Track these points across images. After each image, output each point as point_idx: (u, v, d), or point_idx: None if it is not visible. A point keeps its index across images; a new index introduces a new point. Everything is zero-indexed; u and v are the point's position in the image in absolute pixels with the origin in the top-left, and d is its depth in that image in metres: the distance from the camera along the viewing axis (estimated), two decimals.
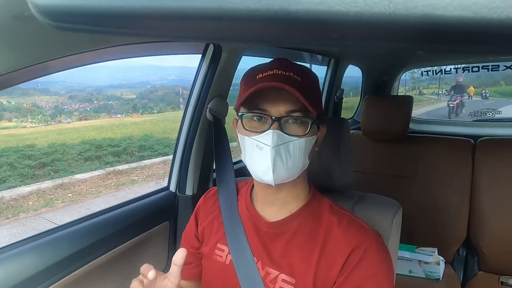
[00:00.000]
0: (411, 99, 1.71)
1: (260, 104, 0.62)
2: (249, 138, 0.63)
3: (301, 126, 0.63)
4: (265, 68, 0.64)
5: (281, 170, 0.62)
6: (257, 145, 0.61)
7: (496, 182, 1.48)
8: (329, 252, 0.65)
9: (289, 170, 0.63)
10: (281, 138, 0.60)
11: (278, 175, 0.62)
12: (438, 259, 1.45)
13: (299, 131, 0.62)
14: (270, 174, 0.61)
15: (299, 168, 0.65)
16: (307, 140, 0.63)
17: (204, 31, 0.31)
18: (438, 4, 0.21)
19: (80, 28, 0.34)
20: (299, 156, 0.63)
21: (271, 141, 0.60)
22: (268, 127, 0.61)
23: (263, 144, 0.61)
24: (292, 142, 0.61)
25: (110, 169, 5.47)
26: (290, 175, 0.64)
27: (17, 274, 0.75)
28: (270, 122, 0.61)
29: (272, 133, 0.60)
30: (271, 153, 0.60)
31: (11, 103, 7.91)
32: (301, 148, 0.62)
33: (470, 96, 10.15)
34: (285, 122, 0.62)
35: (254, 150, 0.62)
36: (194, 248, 0.82)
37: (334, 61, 2.02)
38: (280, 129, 0.61)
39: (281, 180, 0.63)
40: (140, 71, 11.51)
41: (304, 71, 0.66)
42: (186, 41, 1.02)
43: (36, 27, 0.55)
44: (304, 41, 0.42)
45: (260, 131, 0.61)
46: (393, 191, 1.08)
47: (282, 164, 0.61)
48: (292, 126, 0.62)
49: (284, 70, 0.62)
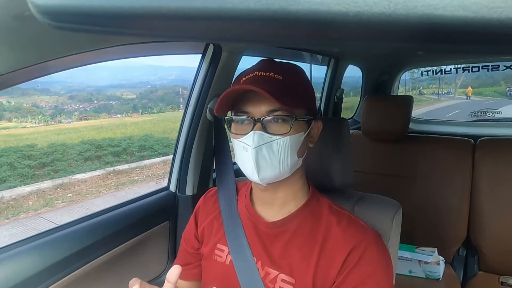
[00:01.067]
0: (411, 99, 1.71)
1: (243, 107, 0.64)
2: (236, 140, 0.65)
3: (283, 124, 0.63)
4: (249, 71, 0.66)
5: (267, 170, 0.63)
6: (243, 147, 0.63)
7: (496, 182, 1.48)
8: (329, 251, 0.65)
9: (275, 169, 0.63)
10: (263, 138, 0.62)
11: (264, 175, 0.63)
12: (438, 259, 1.45)
13: (281, 130, 0.63)
14: (255, 174, 0.63)
15: (288, 166, 0.65)
16: (292, 138, 0.63)
17: (204, 31, 0.31)
18: (438, 4, 0.21)
19: (80, 28, 0.34)
20: (285, 154, 0.63)
21: (252, 141, 0.61)
22: (251, 128, 0.62)
23: (247, 145, 0.62)
24: (275, 141, 0.62)
25: (110, 169, 5.47)
26: (278, 174, 0.64)
27: (17, 274, 0.75)
28: (253, 123, 0.62)
29: (253, 134, 0.61)
30: (252, 154, 0.61)
31: (11, 103, 7.91)
32: (286, 146, 0.63)
33: (468, 96, 10.16)
34: (267, 122, 0.63)
35: (241, 151, 0.64)
36: (194, 248, 0.82)
37: (334, 61, 2.02)
38: (262, 129, 0.62)
39: (269, 179, 0.64)
40: (140, 71, 11.53)
41: (288, 68, 0.67)
42: (186, 41, 1.02)
43: (36, 27, 0.54)
44: (304, 41, 0.42)
45: (245, 133, 0.63)
46: (393, 191, 1.08)
47: (266, 164, 0.62)
48: (274, 125, 0.63)
49: (265, 71, 0.64)
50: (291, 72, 0.67)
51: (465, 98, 10.14)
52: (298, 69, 0.70)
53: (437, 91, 11.55)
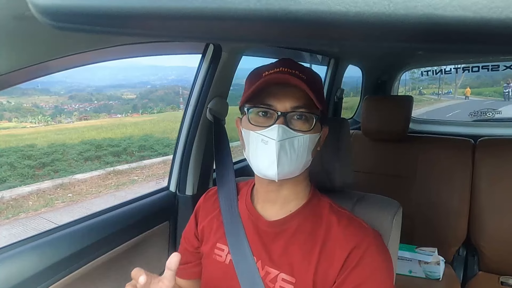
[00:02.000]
0: (411, 99, 1.71)
1: (266, 99, 0.63)
2: (254, 132, 0.64)
3: (306, 122, 0.64)
4: (270, 67, 0.66)
5: (285, 165, 0.62)
6: (262, 140, 0.62)
7: (496, 182, 1.48)
8: (329, 251, 0.65)
9: (293, 166, 0.63)
10: (287, 132, 0.61)
11: (282, 170, 0.62)
12: (438, 259, 1.45)
13: (304, 127, 0.63)
14: (274, 168, 0.62)
15: (302, 165, 0.65)
16: (311, 137, 0.64)
17: (204, 31, 0.31)
18: (438, 4, 0.21)
19: (80, 28, 0.34)
20: (303, 152, 0.63)
21: (276, 135, 0.60)
22: (273, 121, 0.62)
23: (268, 138, 0.61)
24: (297, 138, 0.62)
25: (110, 169, 5.47)
26: (293, 170, 0.65)
27: (17, 274, 0.75)
28: (275, 117, 0.62)
29: (278, 127, 0.61)
30: (276, 147, 0.60)
31: (11, 103, 7.91)
32: (305, 144, 0.63)
33: (467, 96, 10.16)
34: (290, 117, 0.63)
35: (258, 144, 0.63)
36: (194, 247, 0.82)
37: (334, 61, 2.02)
38: (285, 124, 0.62)
39: (284, 175, 0.64)
40: (140, 71, 11.52)
41: (309, 71, 0.67)
42: (186, 41, 1.02)
43: (36, 27, 0.54)
44: (304, 41, 0.42)
45: (266, 125, 0.62)
46: (393, 191, 1.08)
47: (286, 159, 0.62)
48: (297, 121, 0.63)
49: (289, 68, 0.64)
50: (312, 74, 0.68)
51: (464, 99, 10.14)
52: (316, 73, 0.70)
53: (437, 91, 11.55)
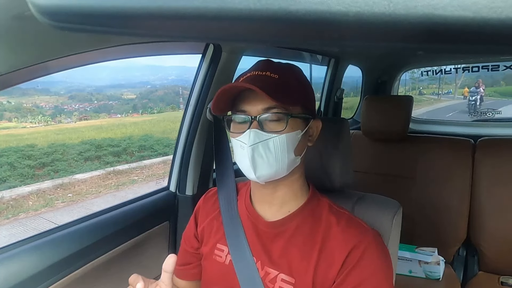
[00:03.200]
0: (411, 99, 1.71)
1: (241, 105, 0.65)
2: (234, 139, 0.66)
3: (279, 122, 0.63)
4: (246, 71, 0.67)
5: (263, 168, 0.63)
6: (240, 145, 0.64)
7: (496, 182, 1.48)
8: (328, 251, 0.65)
9: (273, 167, 0.63)
10: (259, 136, 0.62)
11: (261, 173, 0.63)
12: (438, 259, 1.45)
13: (277, 127, 0.63)
14: (252, 172, 0.63)
15: (286, 165, 0.65)
16: (288, 136, 0.63)
17: (204, 31, 0.31)
18: (438, 4, 0.21)
19: (80, 28, 0.34)
20: (282, 152, 0.63)
21: (248, 139, 0.62)
22: (248, 126, 0.63)
23: (243, 143, 0.63)
24: (271, 139, 0.62)
25: (110, 169, 5.47)
26: (275, 172, 0.64)
27: (17, 274, 0.75)
28: (249, 121, 0.63)
29: (249, 132, 0.62)
30: (248, 152, 0.62)
31: (11, 103, 7.91)
32: (283, 144, 0.63)
33: (465, 96, 10.18)
34: (264, 120, 0.63)
35: (238, 150, 0.65)
36: (194, 248, 0.82)
37: (334, 61, 2.02)
38: (259, 127, 0.63)
39: (266, 177, 0.64)
40: (140, 71, 11.52)
41: (284, 68, 0.67)
42: (186, 41, 1.02)
43: (36, 27, 0.54)
44: (304, 41, 0.42)
45: (242, 131, 0.64)
46: (393, 191, 1.08)
47: (263, 161, 0.63)
48: (271, 123, 0.64)
49: (261, 70, 0.65)
50: (288, 71, 0.67)
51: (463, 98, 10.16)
52: (295, 68, 0.70)
53: (437, 91, 11.55)
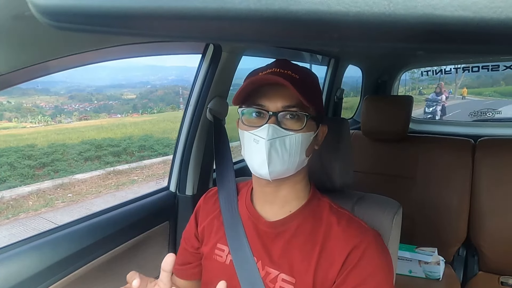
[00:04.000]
0: (411, 99, 1.71)
1: (258, 100, 0.64)
2: (247, 132, 0.65)
3: (298, 121, 0.64)
4: (265, 68, 0.67)
5: (277, 164, 0.63)
6: (254, 139, 0.63)
7: (496, 182, 1.48)
8: (329, 251, 0.65)
9: (285, 164, 0.64)
10: (277, 131, 0.62)
11: (274, 169, 0.63)
12: (438, 259, 1.45)
13: (295, 126, 0.64)
14: (265, 167, 0.63)
15: (296, 164, 0.65)
16: (303, 136, 0.64)
17: (204, 31, 0.31)
18: (438, 4, 0.21)
19: (80, 28, 0.34)
20: (296, 151, 0.64)
21: (266, 134, 0.62)
22: (265, 121, 0.63)
23: (259, 137, 0.63)
24: (288, 137, 0.63)
25: (110, 169, 5.47)
26: (286, 169, 0.65)
27: (17, 274, 0.75)
28: (267, 117, 0.63)
29: (268, 127, 0.62)
30: (265, 146, 0.61)
31: (11, 103, 7.91)
32: (298, 143, 0.63)
33: (463, 96, 10.19)
34: (282, 117, 0.64)
35: (251, 144, 0.64)
36: (194, 248, 0.82)
37: (334, 61, 2.02)
38: (277, 123, 0.63)
39: (276, 174, 0.64)
40: (140, 71, 11.51)
41: (303, 70, 0.68)
42: (186, 41, 1.02)
43: (36, 27, 0.54)
44: (304, 41, 0.42)
45: (258, 125, 0.63)
46: (393, 191, 1.08)
47: (278, 158, 0.63)
48: (289, 121, 0.64)
49: (282, 68, 0.65)
50: (307, 73, 0.68)
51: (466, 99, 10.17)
52: (312, 72, 0.71)
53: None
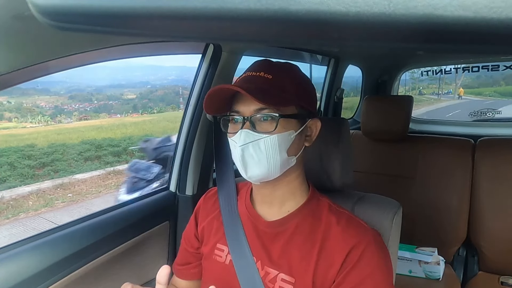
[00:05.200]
0: (411, 99, 1.71)
1: (235, 106, 0.65)
2: (229, 139, 0.67)
3: (272, 122, 0.63)
4: (244, 72, 0.68)
5: (254, 168, 0.63)
6: (233, 145, 0.65)
7: (496, 182, 1.48)
8: (328, 251, 0.65)
9: (264, 167, 0.63)
10: (249, 136, 0.62)
11: (252, 173, 0.64)
12: (438, 259, 1.45)
13: (268, 128, 0.63)
14: (244, 172, 0.64)
15: (278, 165, 0.64)
16: (280, 136, 0.63)
17: (204, 31, 0.31)
18: (438, 4, 0.21)
19: (80, 28, 0.34)
20: (274, 152, 0.63)
21: (239, 139, 0.62)
22: (240, 127, 0.63)
23: (235, 143, 0.64)
24: (262, 140, 0.62)
25: (110, 169, 5.47)
26: (268, 172, 0.64)
27: (17, 274, 0.75)
28: (242, 122, 0.64)
29: (240, 132, 0.63)
30: (238, 152, 0.62)
31: (11, 103, 7.91)
32: (274, 144, 0.63)
33: (460, 96, 10.20)
34: (256, 120, 0.64)
35: (233, 150, 0.66)
36: (194, 248, 0.82)
37: (334, 61, 2.02)
38: (251, 128, 0.63)
39: (258, 177, 0.65)
40: (140, 71, 11.52)
41: (280, 68, 0.68)
42: (186, 41, 1.02)
43: (36, 27, 0.54)
44: (304, 41, 0.42)
45: (236, 131, 0.64)
46: (393, 191, 1.08)
47: (253, 162, 0.63)
48: (263, 123, 0.64)
49: (256, 71, 0.65)
50: (283, 71, 0.67)
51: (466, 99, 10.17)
52: (292, 67, 0.70)
53: (437, 91, 11.56)
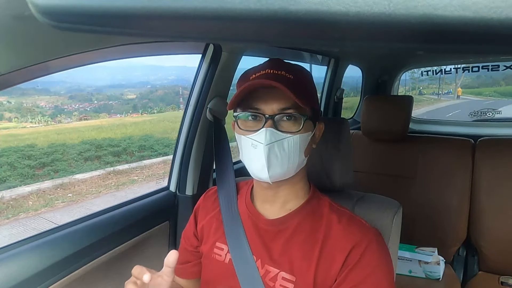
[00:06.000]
0: (411, 99, 1.71)
1: (254, 103, 0.64)
2: (244, 137, 0.64)
3: (295, 123, 0.63)
4: (258, 69, 0.66)
5: (276, 167, 0.62)
6: (252, 144, 0.63)
7: (496, 182, 1.48)
8: (329, 250, 0.65)
9: (285, 167, 0.63)
10: (274, 135, 0.61)
11: (274, 173, 0.63)
12: (438, 259, 1.45)
13: (292, 128, 0.63)
14: (265, 171, 0.62)
15: (296, 165, 0.65)
16: (301, 137, 0.64)
17: (204, 31, 0.31)
18: (438, 4, 0.21)
19: (80, 28, 0.34)
20: (294, 152, 0.63)
21: (264, 139, 0.61)
22: (262, 125, 0.62)
23: (257, 142, 0.62)
24: (286, 139, 0.62)
25: (110, 169, 5.47)
26: (286, 172, 0.64)
27: (17, 274, 0.75)
28: (264, 120, 0.62)
29: (265, 131, 0.61)
30: (264, 151, 0.61)
31: (11, 103, 7.91)
32: (296, 144, 0.63)
33: (458, 96, 10.21)
34: (279, 119, 0.63)
35: (249, 148, 0.63)
36: (193, 246, 0.82)
37: (334, 61, 2.02)
38: (274, 127, 0.62)
39: (277, 177, 0.64)
40: (140, 71, 11.51)
41: (297, 69, 0.67)
42: (186, 41, 1.02)
43: (36, 27, 0.54)
44: (304, 41, 0.42)
45: (255, 129, 0.63)
46: (393, 191, 1.08)
47: (277, 161, 0.62)
48: (285, 123, 0.63)
49: (276, 69, 0.64)
50: (300, 72, 0.67)
51: (466, 99, 10.19)
52: (306, 70, 0.70)
53: (437, 91, 11.57)
